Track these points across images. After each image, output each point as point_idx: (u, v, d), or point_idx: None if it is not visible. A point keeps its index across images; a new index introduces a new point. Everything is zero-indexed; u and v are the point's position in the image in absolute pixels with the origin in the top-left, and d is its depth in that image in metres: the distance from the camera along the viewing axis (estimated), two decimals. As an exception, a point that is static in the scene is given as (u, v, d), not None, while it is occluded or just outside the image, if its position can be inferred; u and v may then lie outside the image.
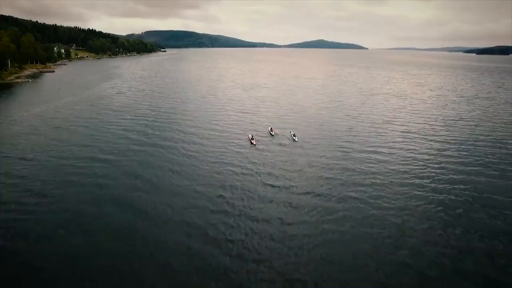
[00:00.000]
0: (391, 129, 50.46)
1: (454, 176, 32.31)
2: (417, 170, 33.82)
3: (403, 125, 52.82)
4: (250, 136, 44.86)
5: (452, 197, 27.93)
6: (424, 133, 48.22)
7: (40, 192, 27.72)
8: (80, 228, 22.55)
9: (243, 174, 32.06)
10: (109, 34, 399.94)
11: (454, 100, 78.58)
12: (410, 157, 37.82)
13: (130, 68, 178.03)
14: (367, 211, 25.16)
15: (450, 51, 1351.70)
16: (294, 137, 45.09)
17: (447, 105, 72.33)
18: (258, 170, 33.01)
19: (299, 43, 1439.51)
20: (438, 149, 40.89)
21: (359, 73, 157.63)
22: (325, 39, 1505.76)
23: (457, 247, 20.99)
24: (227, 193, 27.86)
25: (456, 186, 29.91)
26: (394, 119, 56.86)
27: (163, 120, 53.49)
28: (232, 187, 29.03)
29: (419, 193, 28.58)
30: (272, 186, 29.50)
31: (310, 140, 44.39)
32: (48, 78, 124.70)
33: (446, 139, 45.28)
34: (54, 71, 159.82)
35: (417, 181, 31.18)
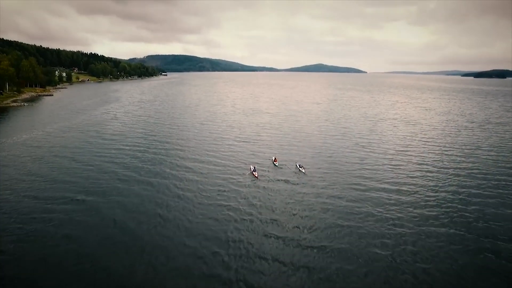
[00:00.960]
0: (406, 160, 45.85)
1: (491, 221, 27.41)
2: (445, 215, 28.89)
3: (419, 156, 48.26)
4: (252, 167, 40.70)
5: (488, 246, 23.01)
6: (443, 165, 43.56)
7: (7, 237, 22.82)
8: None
9: (243, 220, 27.13)
10: (111, 58, 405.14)
11: (466, 126, 74.54)
12: (434, 196, 32.96)
13: (129, 91, 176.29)
14: (396, 274, 20.14)
15: (448, 74, 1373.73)
16: (300, 169, 40.98)
17: (460, 131, 68.18)
18: (260, 216, 28.08)
19: (298, 67, 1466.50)
20: (460, 185, 36.09)
21: (362, 97, 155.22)
22: (324, 63, 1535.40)
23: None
24: (224, 249, 22.77)
25: (489, 232, 24.98)
26: (407, 149, 52.39)
27: (156, 150, 48.94)
28: (230, 240, 23.99)
29: (455, 246, 23.62)
30: (277, 238, 24.50)
31: (319, 173, 39.77)
32: (45, 102, 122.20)
33: (469, 172, 40.51)
34: (52, 95, 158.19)
35: (450, 230, 26.21)
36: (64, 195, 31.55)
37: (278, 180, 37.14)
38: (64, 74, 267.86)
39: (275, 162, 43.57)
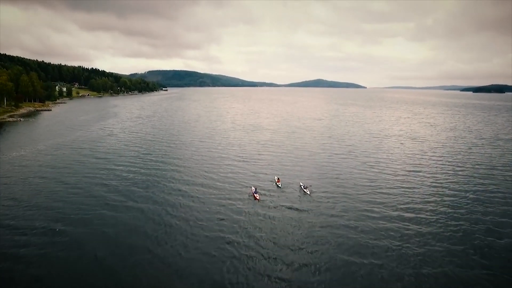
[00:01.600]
0: (419, 182, 42.54)
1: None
2: (473, 250, 25.42)
3: (432, 177, 44.96)
4: (253, 189, 37.76)
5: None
6: (460, 188, 40.23)
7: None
8: None
9: (243, 257, 23.67)
10: (112, 73, 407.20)
11: (475, 143, 71.52)
12: (455, 226, 29.53)
13: (128, 107, 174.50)
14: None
15: (446, 89, 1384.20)
16: (305, 190, 38.06)
17: (470, 149, 65.10)
18: (263, 250, 24.65)
19: (298, 82, 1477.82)
20: (484, 211, 32.71)
21: (364, 112, 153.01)
22: (324, 78, 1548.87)
23: None
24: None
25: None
26: (418, 169, 49.16)
27: (149, 171, 45.67)
28: (227, 283, 20.54)
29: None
30: (281, 280, 21.04)
31: (326, 197, 36.50)
32: (42, 117, 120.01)
33: (490, 196, 37.12)
34: (51, 110, 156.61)
35: (482, 272, 22.73)
36: (43, 225, 28.20)
37: (282, 205, 33.95)
38: (64, 89, 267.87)
39: (277, 183, 40.80)
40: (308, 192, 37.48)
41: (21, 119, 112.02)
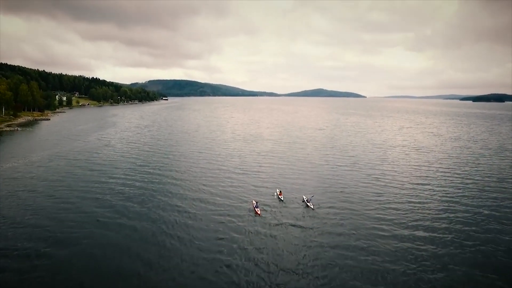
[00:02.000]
0: (428, 196, 40.40)
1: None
2: (498, 277, 23.22)
3: (441, 190, 42.82)
4: (254, 203, 35.89)
5: None
6: (472, 203, 38.05)
7: None
8: None
9: (244, 284, 21.49)
10: (112, 82, 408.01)
11: (482, 154, 69.53)
12: (472, 245, 27.36)
13: (127, 116, 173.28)
14: None
15: (446, 98, 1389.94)
16: (308, 204, 36.27)
17: (478, 159, 63.06)
18: (265, 275, 22.46)
19: (298, 92, 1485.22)
20: (502, 230, 30.54)
21: (365, 122, 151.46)
22: (323, 88, 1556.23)
23: None
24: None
25: None
26: (426, 182, 47.05)
27: (145, 185, 43.53)
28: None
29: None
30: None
31: (330, 211, 34.57)
32: (40, 127, 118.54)
33: (507, 212, 35.04)
34: (49, 119, 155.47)
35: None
36: (27, 245, 26.03)
37: (285, 221, 31.92)
38: (64, 98, 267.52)
39: (280, 196, 39.09)
40: (312, 206, 35.76)
41: (19, 128, 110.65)
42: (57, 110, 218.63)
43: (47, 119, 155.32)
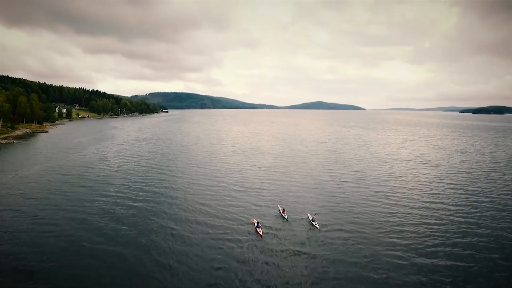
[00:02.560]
0: (443, 215, 37.43)
1: None
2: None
3: (456, 210, 39.81)
4: (255, 222, 33.40)
5: None
6: (491, 224, 35.07)
7: None
8: None
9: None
10: (112, 95, 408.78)
11: (493, 168, 66.66)
12: (506, 277, 24.32)
13: (126, 128, 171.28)
14: None
15: (445, 110, 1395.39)
16: (313, 223, 33.86)
17: (489, 175, 60.08)
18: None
19: (298, 105, 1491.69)
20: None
21: (368, 135, 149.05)
22: (323, 100, 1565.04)
23: None
24: None
25: None
26: (439, 200, 44.09)
27: (139, 204, 40.53)
28: None
29: None
30: None
31: (339, 234, 31.70)
32: (36, 139, 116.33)
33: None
34: (47, 131, 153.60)
35: None
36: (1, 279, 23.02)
37: (289, 244, 29.09)
38: (64, 110, 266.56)
39: (283, 214, 36.66)
40: (317, 226, 33.38)
41: (15, 141, 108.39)
42: (57, 122, 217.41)
43: (45, 131, 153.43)
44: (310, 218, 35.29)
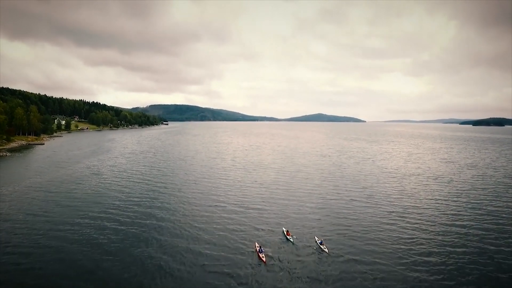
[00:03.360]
0: (468, 241, 33.36)
1: None
2: None
3: (486, 235, 35.79)
4: (257, 246, 30.10)
5: None
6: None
7: None
8: None
9: None
10: (112, 106, 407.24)
11: (507, 183, 62.72)
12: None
13: (125, 141, 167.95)
14: None
15: (445, 122, 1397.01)
16: (322, 247, 30.60)
17: (508, 191, 56.08)
18: None
19: (298, 117, 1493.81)
20: None
21: (371, 147, 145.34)
22: (323, 112, 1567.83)
23: None
24: None
25: None
26: (459, 220, 40.02)
27: (128, 227, 36.40)
28: None
29: None
30: None
31: (349, 258, 28.48)
32: (31, 152, 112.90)
33: None
34: (43, 144, 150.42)
35: None
36: None
37: (296, 272, 25.36)
38: (63, 122, 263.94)
39: (287, 236, 33.47)
40: (326, 250, 29.99)
41: (8, 153, 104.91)
42: (55, 134, 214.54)
43: (41, 144, 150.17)
44: (319, 242, 32.03)
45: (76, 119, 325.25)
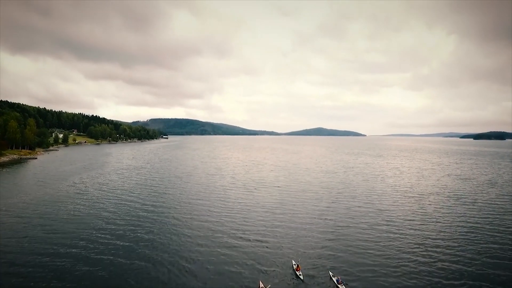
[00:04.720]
0: (496, 273, 26.97)
1: None
2: None
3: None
4: (261, 285, 26.06)
5: None
6: None
7: None
8: None
9: None
10: (112, 120, 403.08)
11: (539, 207, 56.25)
12: None
13: (121, 155, 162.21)
14: None
15: (445, 136, 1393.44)
16: (339, 286, 25.74)
17: (541, 216, 49.68)
18: None
19: (299, 131, 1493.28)
20: None
21: (377, 163, 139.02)
22: (323, 127, 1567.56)
23: None
24: None
25: None
26: (503, 253, 33.63)
27: (111, 258, 29.97)
28: None
29: None
30: None
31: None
32: (21, 167, 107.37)
33: None
34: (36, 158, 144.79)
35: None
36: None
37: None
38: (60, 136, 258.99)
39: (297, 271, 28.32)
40: None
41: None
42: (51, 148, 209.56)
43: (33, 158, 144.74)
44: (335, 279, 26.64)
45: (74, 132, 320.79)
